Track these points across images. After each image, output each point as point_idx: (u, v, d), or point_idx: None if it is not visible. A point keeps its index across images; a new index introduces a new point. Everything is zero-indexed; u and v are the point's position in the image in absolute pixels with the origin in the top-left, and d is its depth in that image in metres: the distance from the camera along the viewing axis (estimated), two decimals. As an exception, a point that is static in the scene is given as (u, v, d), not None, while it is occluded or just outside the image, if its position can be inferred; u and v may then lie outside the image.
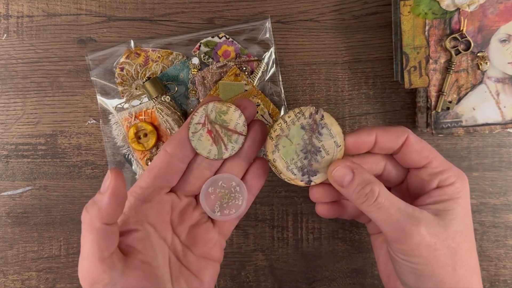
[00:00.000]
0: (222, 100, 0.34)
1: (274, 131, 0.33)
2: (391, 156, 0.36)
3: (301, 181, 0.34)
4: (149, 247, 0.33)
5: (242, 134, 0.34)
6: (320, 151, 0.33)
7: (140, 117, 0.44)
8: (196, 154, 0.35)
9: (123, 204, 0.30)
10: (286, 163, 0.34)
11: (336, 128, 0.33)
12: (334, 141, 0.33)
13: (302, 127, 0.33)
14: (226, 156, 0.34)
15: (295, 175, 0.34)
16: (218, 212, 0.36)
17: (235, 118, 0.34)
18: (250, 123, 0.35)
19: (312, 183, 0.34)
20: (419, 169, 0.34)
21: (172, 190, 0.36)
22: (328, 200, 0.37)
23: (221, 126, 0.34)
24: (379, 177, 0.37)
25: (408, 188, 0.36)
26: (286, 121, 0.33)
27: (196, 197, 0.37)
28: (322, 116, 0.33)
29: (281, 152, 0.33)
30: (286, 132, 0.33)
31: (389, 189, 0.38)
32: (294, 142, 0.33)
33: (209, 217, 0.37)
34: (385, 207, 0.31)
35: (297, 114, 0.33)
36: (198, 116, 0.34)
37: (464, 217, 0.33)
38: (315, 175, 0.34)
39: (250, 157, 0.36)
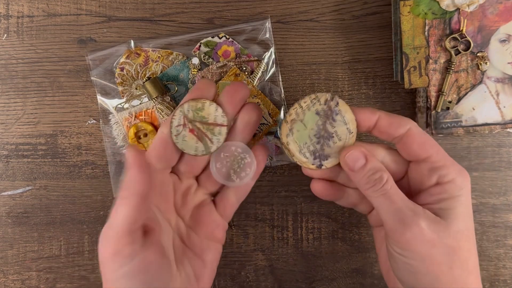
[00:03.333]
0: (196, 98, 0.35)
1: (290, 115, 0.34)
2: (392, 150, 0.36)
3: (312, 164, 0.35)
4: (159, 227, 0.34)
5: (223, 125, 0.35)
6: (333, 137, 0.34)
7: (140, 117, 0.44)
8: None
9: (150, 175, 0.31)
10: (299, 146, 0.35)
11: (349, 115, 0.34)
12: (347, 128, 0.34)
13: (317, 113, 0.34)
14: (213, 149, 0.35)
15: (307, 158, 0.35)
16: (236, 178, 0.37)
17: (212, 111, 0.35)
18: (242, 106, 0.36)
19: (323, 167, 0.35)
20: (419, 163, 0.34)
21: (173, 171, 0.37)
22: (326, 178, 0.37)
23: (201, 123, 0.35)
24: None
25: (409, 184, 0.36)
26: (302, 107, 0.34)
27: (197, 178, 0.38)
28: (337, 103, 0.34)
29: (295, 136, 0.35)
30: (301, 117, 0.34)
31: None
32: (308, 127, 0.34)
33: (211, 199, 0.39)
34: (390, 193, 0.32)
35: (313, 100, 0.34)
36: (176, 119, 0.35)
37: (466, 216, 0.33)
38: (326, 159, 0.35)
39: (245, 138, 0.37)
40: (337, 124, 0.34)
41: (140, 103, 0.44)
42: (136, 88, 0.44)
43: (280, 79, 0.44)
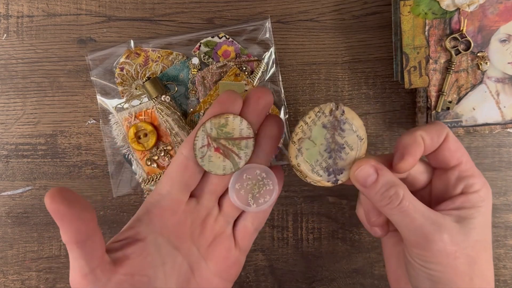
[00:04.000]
0: (217, 114, 0.33)
1: (296, 135, 0.32)
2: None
3: (328, 181, 0.33)
4: (149, 259, 0.32)
5: (249, 138, 0.33)
6: (344, 147, 0.32)
7: (140, 117, 0.44)
8: None
9: (80, 219, 0.28)
10: (311, 165, 0.33)
11: (357, 122, 0.32)
12: (357, 135, 0.32)
13: (324, 126, 0.32)
14: (242, 164, 0.34)
15: (321, 176, 0.33)
16: (253, 204, 0.35)
17: (237, 125, 0.33)
18: (264, 119, 0.34)
19: (339, 182, 0.33)
20: (447, 171, 0.33)
21: (192, 195, 0.35)
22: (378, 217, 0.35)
23: (226, 139, 0.33)
24: (403, 180, 0.36)
25: (432, 193, 0.35)
26: (307, 123, 0.32)
27: (219, 202, 0.36)
28: (343, 111, 0.32)
29: (305, 155, 0.32)
30: (308, 134, 0.32)
31: (412, 193, 0.37)
32: (317, 143, 0.32)
33: (231, 231, 0.36)
34: (408, 211, 0.30)
35: (317, 113, 0.32)
36: (200, 140, 0.33)
37: (485, 227, 0.32)
38: (341, 173, 0.33)
39: (266, 153, 0.35)
40: (346, 134, 0.32)
41: (140, 103, 0.44)
42: (136, 88, 0.44)
43: (280, 79, 0.44)
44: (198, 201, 0.35)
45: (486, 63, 0.40)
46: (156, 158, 0.44)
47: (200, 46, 0.44)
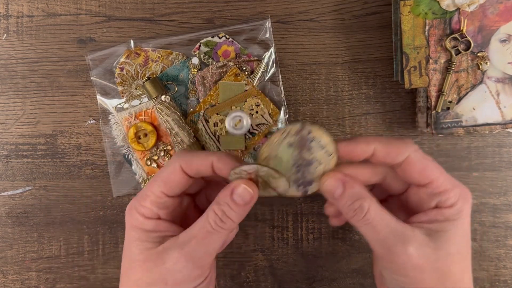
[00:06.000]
0: (274, 170, 0.32)
1: (262, 154, 0.33)
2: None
3: (298, 191, 0.33)
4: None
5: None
6: (312, 163, 0.32)
7: (140, 117, 0.44)
8: None
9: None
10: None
11: (325, 139, 0.32)
12: (325, 151, 0.32)
13: (290, 145, 0.32)
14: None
15: (291, 187, 0.33)
16: None
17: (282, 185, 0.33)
18: None
19: (309, 192, 0.33)
20: (419, 187, 0.33)
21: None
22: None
23: (264, 181, 0.33)
24: (380, 185, 0.36)
25: (407, 201, 0.35)
26: (273, 142, 0.32)
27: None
28: (309, 131, 0.32)
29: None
30: (275, 152, 0.32)
31: (390, 196, 0.37)
32: (284, 160, 0.32)
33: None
34: (373, 223, 0.31)
35: (283, 134, 0.32)
36: (248, 167, 0.31)
37: (460, 238, 0.32)
38: (311, 185, 0.33)
39: None
40: (314, 151, 0.32)
41: (140, 103, 0.44)
42: (136, 88, 0.44)
43: (280, 79, 0.44)
44: None
45: (486, 63, 0.40)
46: (156, 158, 0.44)
47: (200, 46, 0.44)
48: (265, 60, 0.44)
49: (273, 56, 0.44)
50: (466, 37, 0.40)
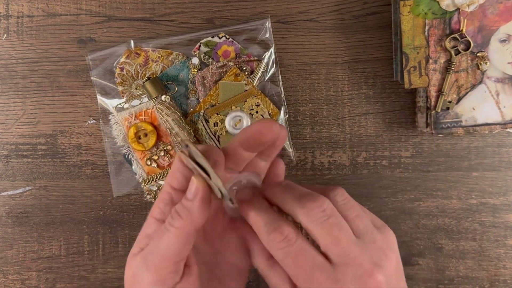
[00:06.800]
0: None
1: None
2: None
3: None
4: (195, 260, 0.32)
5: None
6: None
7: (140, 117, 0.44)
8: None
9: (209, 209, 0.29)
10: None
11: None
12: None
13: None
14: None
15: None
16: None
17: None
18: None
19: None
20: None
21: None
22: None
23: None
24: None
25: None
26: None
27: None
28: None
29: None
30: None
31: None
32: None
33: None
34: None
35: None
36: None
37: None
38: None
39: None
40: None
41: (140, 103, 0.44)
42: (136, 88, 0.44)
43: (280, 79, 0.44)
44: None
45: (486, 63, 0.40)
46: (156, 158, 0.44)
47: (200, 46, 0.44)
48: (265, 60, 0.44)
49: (273, 56, 0.44)
50: (466, 37, 0.40)
